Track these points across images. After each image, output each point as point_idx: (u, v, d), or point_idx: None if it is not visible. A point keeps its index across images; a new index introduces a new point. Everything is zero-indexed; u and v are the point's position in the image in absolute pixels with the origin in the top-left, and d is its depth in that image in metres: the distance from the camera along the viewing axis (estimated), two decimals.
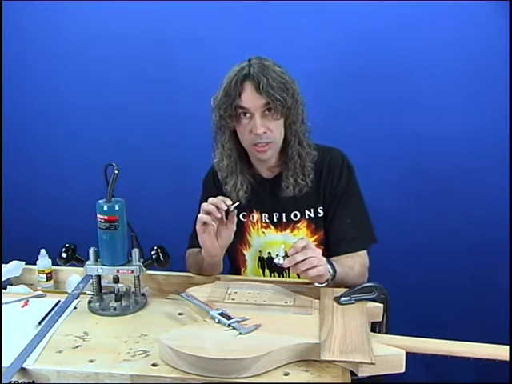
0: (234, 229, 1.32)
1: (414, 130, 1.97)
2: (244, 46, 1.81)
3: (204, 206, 1.26)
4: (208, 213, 1.25)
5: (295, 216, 1.45)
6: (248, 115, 1.34)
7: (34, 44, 2.07)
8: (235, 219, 1.31)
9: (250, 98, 1.32)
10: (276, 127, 1.35)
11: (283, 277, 1.47)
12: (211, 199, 1.27)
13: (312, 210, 1.44)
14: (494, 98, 1.88)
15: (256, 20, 1.94)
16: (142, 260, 1.20)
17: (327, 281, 1.24)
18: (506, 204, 1.93)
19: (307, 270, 1.17)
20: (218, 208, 1.24)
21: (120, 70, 2.05)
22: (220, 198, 1.27)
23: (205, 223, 1.26)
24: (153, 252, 1.21)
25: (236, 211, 1.28)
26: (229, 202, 1.26)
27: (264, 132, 1.33)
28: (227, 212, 1.27)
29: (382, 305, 1.18)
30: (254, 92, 1.31)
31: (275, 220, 1.46)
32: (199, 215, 1.27)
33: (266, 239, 1.48)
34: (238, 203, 1.27)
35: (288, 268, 1.46)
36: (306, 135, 1.41)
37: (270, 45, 1.75)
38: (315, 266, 1.17)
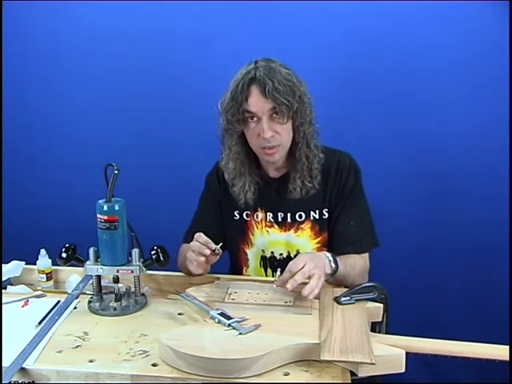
0: (218, 258, 1.29)
1: (415, 130, 1.97)
2: (245, 47, 1.81)
3: (189, 256, 1.26)
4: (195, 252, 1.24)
5: (300, 217, 1.44)
6: (255, 119, 1.33)
7: (34, 44, 2.07)
8: (218, 257, 1.28)
9: (256, 102, 1.31)
10: (283, 130, 1.34)
11: None
12: (194, 245, 1.24)
13: (317, 211, 1.44)
14: (494, 98, 1.88)
15: (257, 20, 1.94)
16: (141, 260, 1.20)
17: (327, 275, 1.24)
18: (507, 204, 1.93)
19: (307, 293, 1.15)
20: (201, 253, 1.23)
21: (120, 70, 2.05)
22: (203, 239, 1.24)
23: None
24: (153, 252, 1.20)
25: (221, 251, 1.25)
26: (212, 246, 1.23)
27: (272, 136, 1.32)
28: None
29: (381, 305, 1.18)
30: (261, 96, 1.30)
31: (280, 220, 1.46)
32: (190, 257, 1.26)
33: (270, 238, 1.47)
34: (221, 244, 1.25)
35: None
36: (314, 137, 1.40)
37: (271, 45, 1.75)
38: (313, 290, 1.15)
